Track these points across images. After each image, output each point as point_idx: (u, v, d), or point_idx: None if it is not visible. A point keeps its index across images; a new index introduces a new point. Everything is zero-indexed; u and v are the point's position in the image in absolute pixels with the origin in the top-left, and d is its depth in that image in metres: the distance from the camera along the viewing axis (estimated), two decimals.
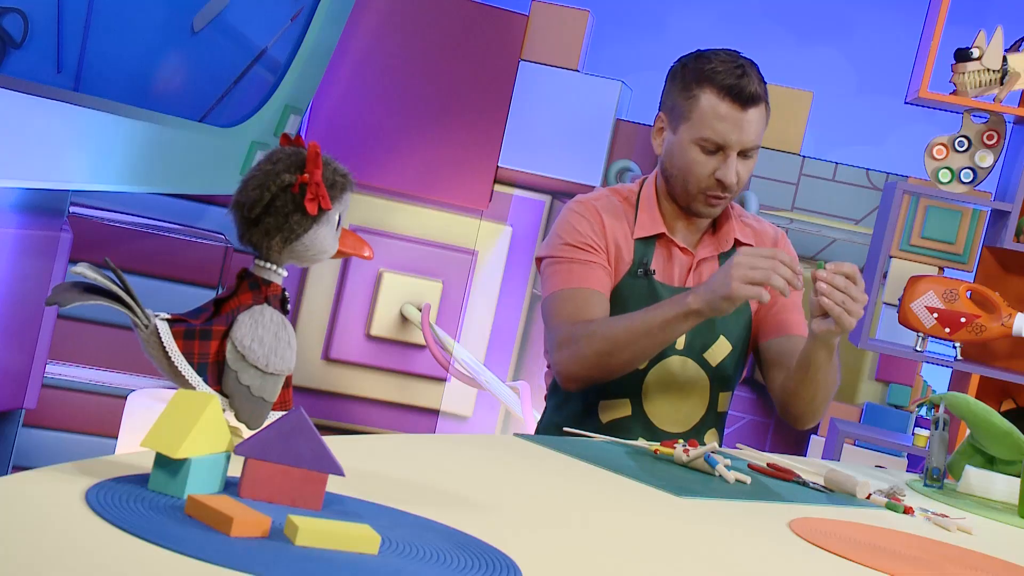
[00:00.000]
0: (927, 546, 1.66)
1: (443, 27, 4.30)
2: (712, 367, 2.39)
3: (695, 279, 2.39)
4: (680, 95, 2.34)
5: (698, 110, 2.31)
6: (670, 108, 2.37)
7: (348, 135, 4.29)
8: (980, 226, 4.36)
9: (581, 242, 2.37)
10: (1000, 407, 3.86)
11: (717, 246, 2.43)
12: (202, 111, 3.59)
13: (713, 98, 2.30)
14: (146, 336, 1.30)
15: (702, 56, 2.34)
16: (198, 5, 3.41)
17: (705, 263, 2.41)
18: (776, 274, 2.10)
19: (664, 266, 2.40)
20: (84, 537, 0.99)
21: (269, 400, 1.33)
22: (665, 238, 2.40)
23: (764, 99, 2.33)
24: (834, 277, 2.11)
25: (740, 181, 2.35)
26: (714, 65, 2.31)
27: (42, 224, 3.45)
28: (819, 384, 2.30)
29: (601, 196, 2.44)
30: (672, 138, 2.36)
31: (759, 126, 2.33)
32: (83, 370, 3.85)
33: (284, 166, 1.30)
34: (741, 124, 2.29)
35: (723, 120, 2.29)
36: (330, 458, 1.17)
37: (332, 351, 4.31)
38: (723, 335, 2.39)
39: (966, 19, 4.03)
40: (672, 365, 2.37)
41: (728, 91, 2.29)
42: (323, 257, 1.35)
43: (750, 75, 2.30)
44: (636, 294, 2.36)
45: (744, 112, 2.29)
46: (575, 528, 1.41)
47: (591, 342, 2.25)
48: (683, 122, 2.33)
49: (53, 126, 3.01)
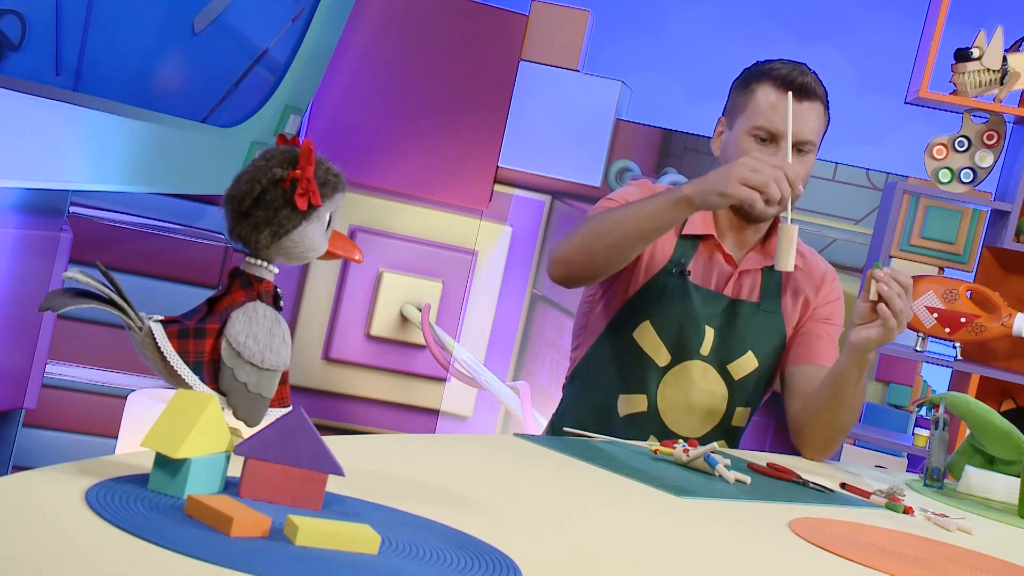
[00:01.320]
0: (927, 546, 1.66)
1: (443, 27, 4.31)
2: (734, 380, 2.37)
3: (734, 290, 2.38)
4: (739, 93, 2.35)
5: (753, 101, 2.31)
6: (729, 108, 2.38)
7: (348, 135, 4.29)
8: (980, 226, 4.36)
9: (625, 200, 2.34)
10: (1000, 407, 3.86)
11: (763, 259, 2.40)
12: (203, 112, 3.59)
13: (769, 89, 2.30)
14: (140, 338, 1.30)
15: (766, 61, 2.36)
16: (199, 6, 3.41)
17: (747, 275, 2.38)
18: (775, 183, 2.05)
19: (703, 269, 2.37)
20: (84, 537, 0.99)
21: (266, 396, 1.33)
22: (712, 241, 2.38)
23: (823, 99, 2.33)
24: (891, 281, 2.08)
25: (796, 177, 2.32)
26: (774, 64, 2.33)
27: (42, 224, 3.45)
28: (843, 404, 2.25)
29: (659, 187, 2.43)
30: (728, 135, 2.36)
31: (815, 122, 2.31)
32: (83, 370, 3.85)
33: (277, 162, 1.30)
34: (796, 113, 2.26)
35: (777, 109, 2.28)
36: (330, 458, 1.17)
37: (332, 351, 4.31)
38: (752, 351, 2.37)
39: (966, 19, 4.03)
40: (692, 369, 2.35)
41: (783, 80, 2.29)
42: (312, 255, 1.35)
43: (808, 74, 2.31)
44: (668, 292, 2.34)
45: (800, 102, 2.28)
46: (575, 528, 1.41)
47: (583, 226, 2.25)
48: (739, 116, 2.33)
49: (53, 126, 3.01)
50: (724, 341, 2.35)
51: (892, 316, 2.08)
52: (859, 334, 2.14)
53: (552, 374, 4.39)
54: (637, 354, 2.36)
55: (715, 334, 2.35)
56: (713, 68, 5.83)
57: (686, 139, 4.40)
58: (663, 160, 4.39)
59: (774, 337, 2.39)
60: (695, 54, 5.88)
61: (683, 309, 2.34)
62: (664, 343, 2.35)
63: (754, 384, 2.40)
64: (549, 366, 4.41)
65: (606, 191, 4.38)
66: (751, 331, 2.36)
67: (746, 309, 2.37)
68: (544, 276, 4.42)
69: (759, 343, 2.38)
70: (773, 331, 2.39)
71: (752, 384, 2.39)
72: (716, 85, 5.74)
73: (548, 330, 4.41)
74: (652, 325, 2.35)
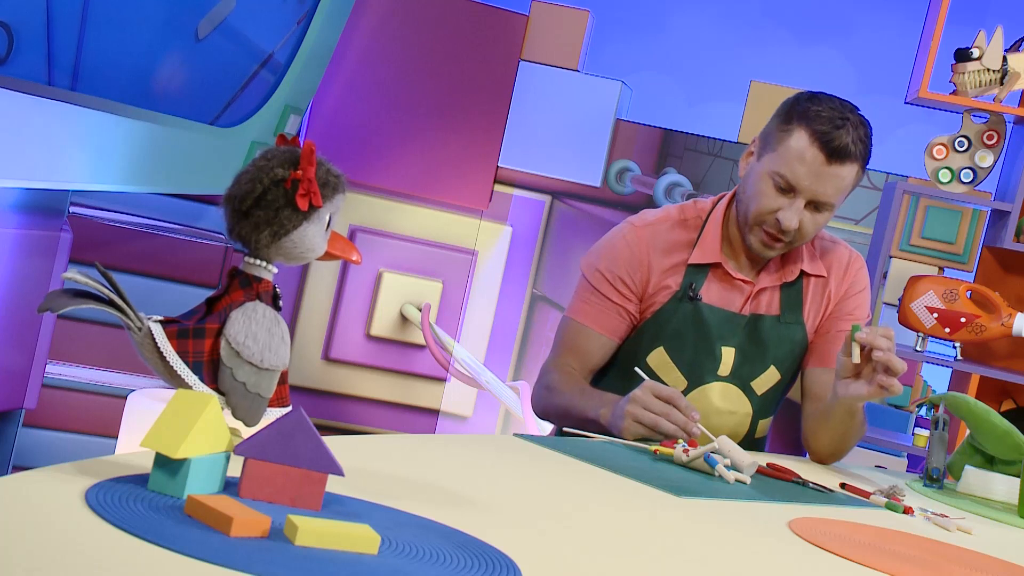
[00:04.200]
0: (927, 546, 1.66)
1: (443, 27, 4.31)
2: (757, 396, 2.37)
3: (751, 308, 2.36)
4: (778, 126, 2.27)
5: (784, 145, 2.24)
6: (765, 135, 2.31)
7: (348, 135, 4.29)
8: (980, 226, 4.36)
9: (615, 277, 2.34)
10: (1000, 407, 3.86)
11: (781, 276, 2.37)
12: (208, 115, 3.59)
13: (803, 138, 2.22)
14: (140, 339, 1.30)
15: (816, 96, 2.26)
16: (203, 9, 3.41)
17: (763, 293, 2.36)
18: (667, 421, 2.06)
19: (720, 292, 2.35)
20: (84, 537, 0.99)
21: (265, 396, 1.33)
22: (721, 269, 2.35)
23: (857, 159, 2.23)
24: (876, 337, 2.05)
25: (803, 231, 2.27)
26: (820, 108, 2.23)
27: (42, 224, 3.45)
28: (840, 434, 2.26)
29: (663, 221, 2.39)
30: (755, 164, 2.30)
31: (841, 184, 2.24)
32: (83, 370, 3.85)
33: (278, 162, 1.30)
34: (820, 174, 2.21)
35: (804, 163, 2.22)
36: (330, 458, 1.17)
37: (332, 351, 4.31)
38: (774, 365, 2.36)
39: (966, 19, 4.03)
40: (712, 392, 2.34)
41: (819, 137, 2.20)
42: (311, 256, 1.35)
43: (850, 131, 2.21)
44: (680, 317, 2.33)
45: (828, 165, 2.21)
46: (575, 528, 1.41)
47: (546, 395, 2.35)
48: (769, 151, 2.27)
49: (53, 126, 3.01)
50: (746, 359, 2.34)
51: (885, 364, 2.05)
52: (847, 389, 2.13)
53: None
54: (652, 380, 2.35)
55: (735, 353, 2.34)
56: (713, 68, 5.83)
57: (686, 139, 4.40)
58: (663, 160, 4.40)
59: (796, 348, 2.38)
60: (695, 54, 5.88)
61: (697, 333, 2.33)
62: (679, 369, 2.33)
63: (776, 395, 2.40)
64: None
65: (606, 191, 4.39)
66: (772, 345, 2.35)
67: (767, 323, 2.35)
68: (544, 276, 4.42)
69: (781, 356, 2.36)
70: (795, 342, 2.37)
71: (775, 396, 2.40)
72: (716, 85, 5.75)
73: (548, 330, 4.41)
74: (667, 352, 2.34)
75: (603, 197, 4.40)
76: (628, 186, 4.39)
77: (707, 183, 4.37)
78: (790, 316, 2.37)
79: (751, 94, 4.40)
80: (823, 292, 2.40)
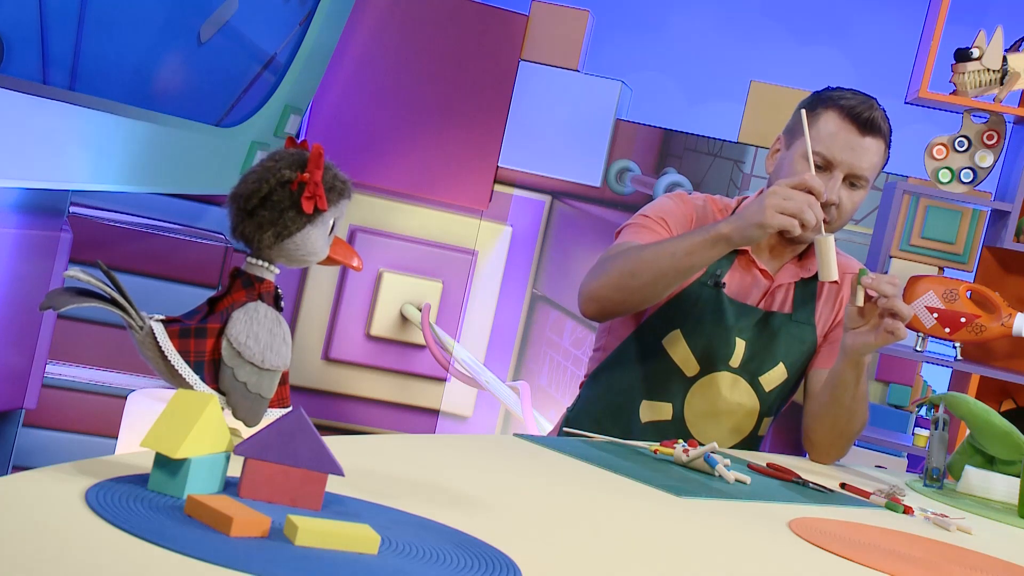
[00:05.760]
0: (927, 546, 1.66)
1: (443, 27, 4.31)
2: (765, 392, 2.37)
3: (768, 302, 2.37)
4: (805, 115, 2.30)
5: (815, 128, 2.29)
6: (790, 128, 2.35)
7: (348, 135, 4.29)
8: (980, 226, 4.36)
9: (660, 218, 2.35)
10: (1000, 407, 3.85)
11: (799, 272, 2.40)
12: (214, 119, 3.60)
13: (834, 117, 2.29)
14: (141, 338, 1.30)
15: (837, 88, 2.35)
16: (206, 12, 3.41)
17: (779, 290, 2.38)
18: (809, 209, 2.07)
19: (740, 283, 2.36)
20: (84, 537, 0.99)
21: (266, 396, 1.33)
22: (747, 256, 2.37)
23: (885, 136, 2.31)
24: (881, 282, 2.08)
25: (842, 209, 2.31)
26: (844, 93, 2.32)
27: (42, 224, 3.45)
28: (842, 410, 2.25)
29: (698, 198, 2.43)
30: (785, 154, 2.34)
31: (874, 158, 2.30)
32: (83, 370, 3.85)
33: (286, 163, 1.30)
34: (855, 147, 2.27)
35: (839, 138, 2.27)
36: (330, 458, 1.17)
37: (332, 351, 4.31)
38: (783, 362, 2.37)
39: (966, 19, 4.03)
40: (721, 380, 2.34)
41: (849, 112, 2.28)
42: (312, 259, 1.35)
43: (876, 109, 2.30)
44: (702, 303, 2.34)
45: (861, 136, 2.28)
46: (575, 528, 1.41)
47: (617, 261, 2.23)
48: (798, 137, 2.30)
49: (53, 126, 3.01)
50: (755, 353, 2.35)
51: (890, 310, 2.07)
52: (855, 338, 2.14)
53: (552, 374, 4.40)
54: (665, 362, 2.36)
55: (746, 346, 2.35)
56: (713, 68, 5.83)
57: (686, 139, 4.40)
58: (663, 160, 4.40)
59: (804, 347, 2.39)
60: (695, 54, 5.88)
61: (715, 321, 2.33)
62: (693, 354, 2.34)
63: (782, 393, 2.41)
64: (549, 366, 4.41)
65: (606, 191, 4.38)
66: (782, 343, 2.36)
67: (778, 320, 2.37)
68: (544, 276, 4.42)
69: (789, 354, 2.37)
70: (804, 342, 2.38)
71: (781, 394, 2.40)
72: (716, 85, 5.75)
73: (548, 330, 4.41)
74: (683, 335, 2.34)
75: (603, 197, 4.40)
76: (628, 186, 4.39)
77: (707, 183, 4.37)
78: (801, 315, 2.38)
79: (751, 94, 4.40)
80: (835, 297, 2.43)
